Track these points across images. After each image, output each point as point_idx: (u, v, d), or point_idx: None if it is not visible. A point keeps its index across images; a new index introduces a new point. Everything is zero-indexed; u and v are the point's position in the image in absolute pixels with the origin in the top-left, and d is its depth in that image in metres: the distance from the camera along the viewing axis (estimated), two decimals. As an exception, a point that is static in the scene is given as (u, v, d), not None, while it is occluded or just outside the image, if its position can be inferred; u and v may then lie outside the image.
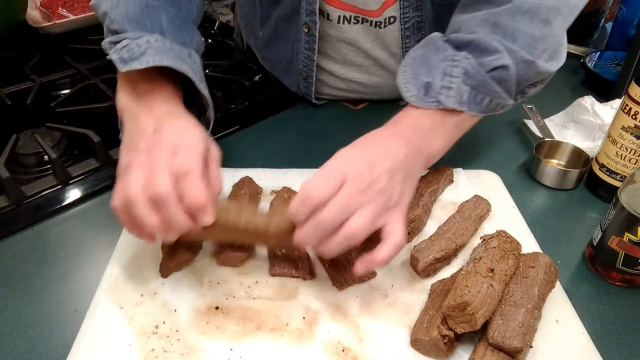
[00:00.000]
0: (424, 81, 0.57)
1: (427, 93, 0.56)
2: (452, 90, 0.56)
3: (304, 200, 0.45)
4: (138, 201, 0.45)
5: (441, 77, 0.56)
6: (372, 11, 0.73)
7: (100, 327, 0.48)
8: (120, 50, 0.56)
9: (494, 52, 0.56)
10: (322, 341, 0.47)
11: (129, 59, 0.55)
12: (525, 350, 0.44)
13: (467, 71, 0.56)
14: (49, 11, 1.04)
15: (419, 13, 0.74)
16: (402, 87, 0.58)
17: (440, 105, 0.56)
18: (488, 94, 0.58)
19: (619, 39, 1.10)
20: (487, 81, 0.57)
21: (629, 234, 0.52)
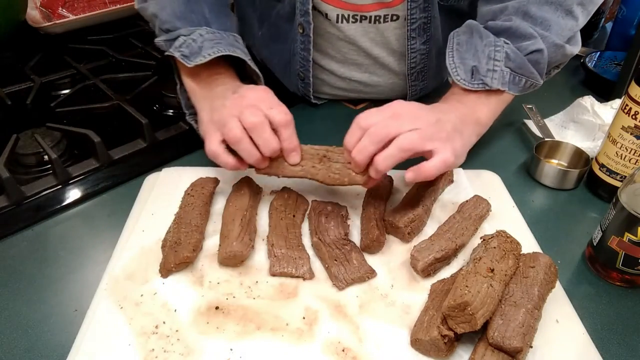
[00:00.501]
0: (470, 65, 0.64)
1: (474, 76, 0.64)
2: (496, 73, 0.63)
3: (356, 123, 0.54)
4: (243, 138, 0.55)
5: (486, 61, 0.63)
6: (365, 5, 0.73)
7: (100, 327, 0.48)
8: (180, 47, 0.64)
9: (529, 38, 0.63)
10: (322, 341, 0.47)
11: (191, 54, 0.63)
12: (525, 350, 0.44)
13: (508, 55, 0.63)
14: (49, 11, 1.04)
15: (425, 14, 0.74)
16: (451, 71, 0.65)
17: (486, 87, 0.63)
18: (525, 75, 0.65)
19: (619, 39, 1.10)
20: (525, 64, 0.64)
21: (629, 234, 0.52)
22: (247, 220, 0.57)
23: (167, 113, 0.83)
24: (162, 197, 0.63)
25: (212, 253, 0.56)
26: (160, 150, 0.74)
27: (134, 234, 0.58)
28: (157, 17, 0.67)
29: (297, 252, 0.55)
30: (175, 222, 0.58)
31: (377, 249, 0.57)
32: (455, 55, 0.66)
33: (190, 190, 0.62)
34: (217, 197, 0.64)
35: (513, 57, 0.63)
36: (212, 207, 0.62)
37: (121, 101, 0.80)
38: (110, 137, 0.71)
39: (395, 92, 0.85)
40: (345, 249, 0.55)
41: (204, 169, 0.68)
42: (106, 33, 1.06)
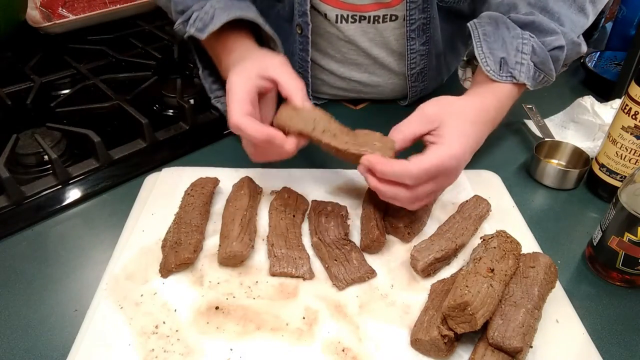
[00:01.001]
0: (499, 56, 0.62)
1: (502, 68, 0.62)
2: (523, 67, 0.61)
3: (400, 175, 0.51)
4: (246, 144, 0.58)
5: (515, 54, 0.61)
6: (364, 5, 0.73)
7: (100, 327, 0.48)
8: (194, 23, 0.64)
9: (552, 34, 0.62)
10: (322, 341, 0.47)
11: (204, 27, 0.62)
12: (525, 350, 0.44)
13: (534, 49, 0.62)
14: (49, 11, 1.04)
15: (424, 15, 0.74)
16: (481, 62, 0.62)
17: (514, 80, 0.61)
18: (544, 70, 0.64)
19: (619, 39, 1.10)
20: (548, 59, 0.63)
21: (629, 234, 0.52)
22: (247, 220, 0.57)
23: (167, 113, 0.83)
24: (162, 197, 0.63)
25: (212, 253, 0.56)
26: (160, 150, 0.74)
27: (134, 234, 0.58)
28: (170, 0, 0.68)
29: (297, 252, 0.55)
30: (175, 222, 0.58)
31: (377, 249, 0.57)
32: (484, 45, 0.63)
33: (190, 190, 0.62)
34: (217, 197, 0.64)
35: (538, 52, 0.62)
36: (212, 207, 0.62)
37: (121, 101, 0.80)
38: (110, 137, 0.71)
39: (395, 92, 0.85)
40: (345, 249, 0.55)
41: (204, 169, 0.68)
42: (106, 33, 1.06)
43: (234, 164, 0.69)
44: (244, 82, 0.55)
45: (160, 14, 1.15)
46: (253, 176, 0.65)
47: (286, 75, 0.57)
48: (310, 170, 0.69)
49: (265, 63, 0.58)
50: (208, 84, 0.70)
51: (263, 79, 0.57)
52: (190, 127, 0.78)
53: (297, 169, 0.69)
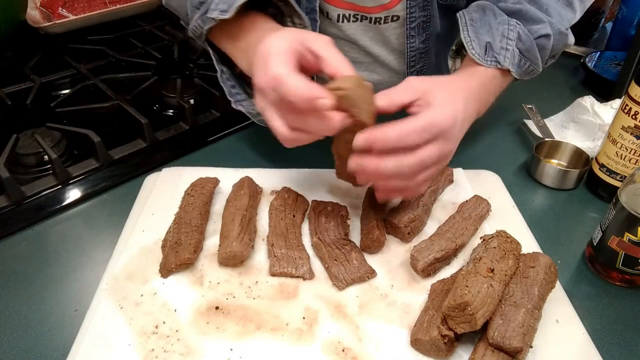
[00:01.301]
0: (485, 41, 0.62)
1: (487, 52, 0.62)
2: (508, 52, 0.62)
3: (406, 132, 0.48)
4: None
5: (500, 39, 0.62)
6: (371, 8, 0.73)
7: (100, 327, 0.48)
8: (217, 7, 0.58)
9: (539, 22, 0.63)
10: (322, 341, 0.47)
11: (229, 6, 0.57)
12: (525, 350, 0.44)
13: (520, 36, 0.62)
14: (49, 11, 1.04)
15: (425, 13, 0.74)
16: (467, 45, 0.63)
17: (498, 65, 0.62)
18: (530, 59, 0.64)
19: (619, 39, 1.10)
20: (533, 47, 0.63)
21: (629, 234, 0.52)
22: (247, 220, 0.57)
23: (167, 113, 0.83)
24: (162, 197, 0.63)
25: (212, 253, 0.56)
26: (160, 150, 0.74)
27: (134, 234, 0.58)
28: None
29: (297, 252, 0.55)
30: (175, 222, 0.58)
31: (377, 249, 0.57)
32: (470, 30, 0.64)
33: (190, 190, 0.62)
34: (217, 197, 0.64)
35: (524, 39, 0.63)
36: (212, 207, 0.62)
37: (121, 101, 0.80)
38: (110, 137, 0.72)
39: (394, 90, 0.85)
40: (345, 249, 0.55)
41: (204, 169, 0.68)
42: (106, 33, 1.06)
43: (234, 164, 0.69)
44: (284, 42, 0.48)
45: (160, 14, 1.16)
46: (253, 176, 0.65)
47: (332, 51, 0.49)
48: (310, 170, 0.69)
49: (309, 35, 0.50)
50: (227, 88, 0.66)
51: (305, 49, 0.49)
52: (190, 127, 0.78)
53: (297, 169, 0.69)
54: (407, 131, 0.48)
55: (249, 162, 0.72)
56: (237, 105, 0.67)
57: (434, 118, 0.49)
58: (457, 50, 0.73)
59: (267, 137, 0.79)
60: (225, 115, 0.81)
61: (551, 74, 1.02)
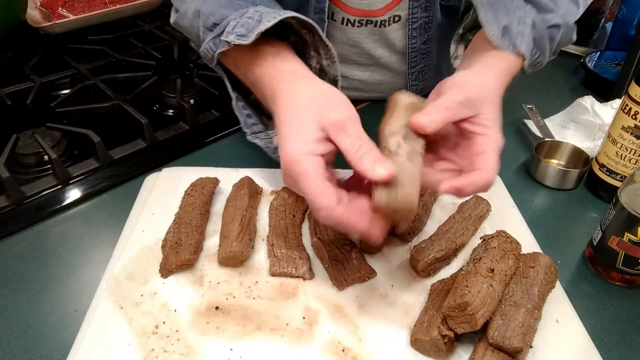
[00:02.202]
0: (502, 23, 0.59)
1: (504, 35, 0.58)
2: (524, 37, 0.59)
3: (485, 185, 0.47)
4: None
5: (517, 23, 0.59)
6: (377, 11, 0.73)
7: (100, 327, 0.48)
8: (233, 30, 0.54)
9: (551, 11, 0.61)
10: (322, 341, 0.47)
11: (248, 31, 0.53)
12: (525, 350, 0.44)
13: (534, 22, 0.60)
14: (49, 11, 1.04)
15: (427, 13, 0.74)
16: (486, 26, 0.58)
17: (515, 49, 0.58)
18: (540, 48, 0.61)
19: (619, 39, 1.10)
20: (545, 36, 0.61)
21: (629, 234, 0.52)
22: (247, 220, 0.57)
23: (167, 113, 0.83)
24: (162, 197, 0.63)
25: (212, 253, 0.56)
26: (160, 150, 0.74)
27: (134, 234, 0.58)
28: (199, 14, 0.59)
29: (297, 252, 0.55)
30: (175, 222, 0.58)
31: (377, 249, 0.57)
32: (488, 10, 0.59)
33: (190, 190, 0.62)
34: (217, 197, 0.64)
35: (538, 26, 0.60)
36: (212, 207, 0.62)
37: (121, 101, 0.80)
38: (110, 137, 0.72)
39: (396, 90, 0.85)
40: (345, 249, 0.55)
41: (204, 169, 0.68)
42: (106, 33, 1.06)
43: (234, 164, 0.69)
44: (309, 162, 0.45)
45: (160, 14, 1.16)
46: (253, 176, 0.65)
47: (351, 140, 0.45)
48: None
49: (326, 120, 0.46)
50: (243, 117, 0.62)
51: (326, 142, 0.46)
52: (190, 127, 0.78)
53: (297, 169, 0.69)
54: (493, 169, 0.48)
55: (249, 162, 0.72)
56: (252, 138, 0.63)
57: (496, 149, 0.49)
58: (462, 35, 0.69)
59: (267, 137, 0.79)
60: (225, 115, 0.81)
61: (551, 74, 1.02)
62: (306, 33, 0.57)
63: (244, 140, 0.78)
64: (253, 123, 0.62)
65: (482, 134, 0.49)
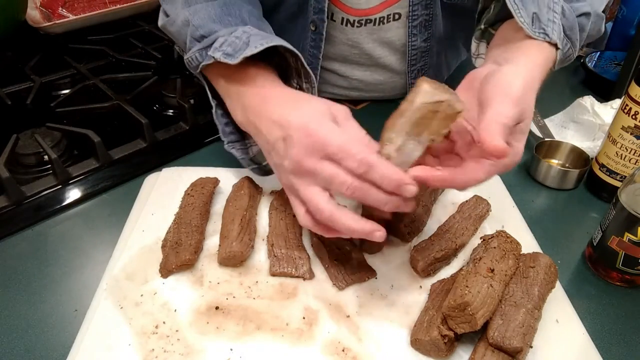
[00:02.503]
0: (532, 11, 0.57)
1: (534, 23, 0.56)
2: (555, 25, 0.56)
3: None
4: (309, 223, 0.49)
5: (547, 10, 0.57)
6: (374, 7, 0.73)
7: (100, 327, 0.48)
8: (220, 47, 0.56)
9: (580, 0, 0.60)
10: (322, 341, 0.47)
11: (234, 52, 0.54)
12: (525, 350, 0.44)
13: (564, 10, 0.58)
14: (49, 11, 1.04)
15: (427, 11, 0.74)
16: (515, 14, 0.56)
17: (547, 38, 0.56)
18: (571, 39, 0.59)
19: (619, 39, 1.10)
20: (575, 26, 0.59)
21: (629, 234, 0.52)
22: (247, 220, 0.57)
23: (167, 113, 0.83)
24: (162, 197, 0.63)
25: (212, 253, 0.56)
26: (160, 150, 0.74)
27: (134, 234, 0.58)
28: (189, 23, 0.60)
29: (297, 252, 0.55)
30: (175, 222, 0.58)
31: (377, 249, 0.57)
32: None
33: (190, 190, 0.62)
34: (217, 197, 0.64)
35: (567, 14, 0.58)
36: (212, 207, 0.62)
37: (121, 101, 0.80)
38: (110, 137, 0.71)
39: (395, 90, 0.85)
40: (345, 249, 0.55)
41: (204, 169, 0.68)
42: (106, 33, 1.06)
43: (234, 164, 0.69)
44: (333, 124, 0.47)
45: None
46: (253, 176, 0.65)
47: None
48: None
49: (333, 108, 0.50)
50: (221, 125, 0.63)
51: None
52: (190, 127, 0.78)
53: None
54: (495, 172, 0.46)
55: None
56: (229, 148, 0.63)
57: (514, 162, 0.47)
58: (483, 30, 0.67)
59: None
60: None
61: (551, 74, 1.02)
62: (290, 57, 0.58)
63: (244, 140, 0.78)
64: (230, 132, 0.63)
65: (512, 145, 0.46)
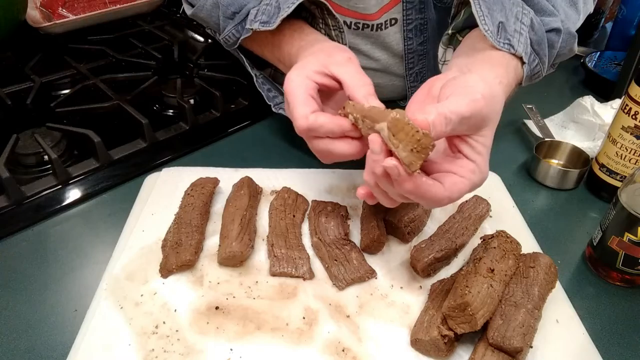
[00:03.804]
0: (498, 20, 0.55)
1: (500, 33, 0.55)
2: (522, 37, 0.55)
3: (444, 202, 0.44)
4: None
5: (514, 21, 0.56)
6: (372, 14, 0.73)
7: (100, 327, 0.48)
8: (255, 18, 0.60)
9: (551, 15, 0.59)
10: (322, 341, 0.47)
11: (270, 17, 0.59)
12: (525, 350, 0.44)
13: (532, 24, 0.57)
14: (49, 11, 1.04)
15: (421, 15, 0.74)
16: (480, 21, 0.55)
17: (512, 50, 0.54)
18: (539, 54, 0.58)
19: (619, 39, 1.10)
20: (544, 40, 0.58)
21: (629, 234, 0.52)
22: (247, 220, 0.57)
23: (167, 113, 0.83)
24: (162, 197, 0.63)
25: (212, 253, 0.56)
26: (160, 150, 0.74)
27: (134, 234, 0.58)
28: (218, 5, 0.65)
29: (297, 252, 0.55)
30: (176, 222, 0.58)
31: (378, 249, 0.57)
32: (482, 5, 0.55)
33: (190, 190, 0.62)
34: (217, 197, 0.64)
35: (536, 28, 0.57)
36: (212, 207, 0.62)
37: (121, 101, 0.80)
38: (110, 137, 0.71)
39: (395, 92, 0.85)
40: (345, 249, 0.55)
41: (204, 169, 0.68)
42: (106, 33, 1.06)
43: (234, 164, 0.69)
44: (301, 80, 0.50)
45: (161, 14, 1.16)
46: (253, 176, 0.65)
47: (350, 73, 0.51)
48: (310, 170, 0.69)
49: (329, 59, 0.52)
50: (265, 92, 0.68)
51: (324, 76, 0.52)
52: (190, 127, 0.78)
53: (297, 169, 0.69)
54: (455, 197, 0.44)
55: (249, 162, 0.72)
56: (277, 109, 0.69)
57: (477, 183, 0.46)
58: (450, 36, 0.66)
59: (267, 138, 0.79)
60: (225, 115, 0.81)
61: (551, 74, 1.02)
62: (315, 8, 0.62)
63: (244, 140, 0.79)
64: (274, 96, 0.68)
65: (470, 159, 0.45)
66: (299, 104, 0.49)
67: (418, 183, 0.42)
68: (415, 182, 0.42)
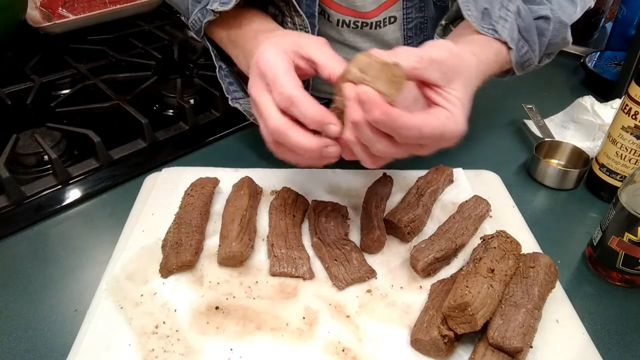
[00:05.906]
0: (482, 6, 0.56)
1: (484, 18, 0.56)
2: (507, 23, 0.56)
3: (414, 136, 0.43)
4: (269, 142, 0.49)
5: (499, 7, 0.57)
6: (371, 12, 0.73)
7: (100, 327, 0.48)
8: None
9: (540, 3, 0.59)
10: (322, 341, 0.47)
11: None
12: (525, 350, 0.44)
13: (519, 10, 0.57)
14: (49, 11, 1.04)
15: (421, 14, 0.74)
16: (463, 7, 0.56)
17: (496, 35, 0.55)
18: (528, 42, 0.59)
19: (619, 39, 1.10)
20: (532, 27, 0.58)
21: (629, 234, 0.52)
22: (247, 220, 0.57)
23: (167, 113, 0.83)
24: (162, 197, 0.63)
25: (212, 253, 0.56)
26: (160, 150, 0.74)
27: (134, 234, 0.58)
28: None
29: (297, 252, 0.55)
30: (176, 222, 0.58)
31: (378, 249, 0.57)
32: None
33: (190, 190, 0.62)
34: (217, 197, 0.64)
35: (524, 15, 0.58)
36: (212, 207, 0.62)
37: (121, 101, 0.80)
38: (110, 137, 0.72)
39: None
40: (345, 249, 0.55)
41: (204, 169, 0.68)
42: (106, 33, 1.06)
43: (234, 164, 0.69)
44: (279, 54, 0.47)
45: (160, 13, 1.16)
46: (253, 176, 0.65)
47: (326, 55, 0.48)
48: (310, 170, 0.69)
49: (302, 40, 0.49)
50: (225, 85, 0.68)
51: (300, 57, 0.48)
52: (190, 127, 0.78)
53: (297, 169, 0.69)
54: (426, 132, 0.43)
55: (249, 162, 0.72)
56: (233, 102, 0.69)
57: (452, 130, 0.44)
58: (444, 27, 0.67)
59: (267, 137, 0.79)
60: (225, 115, 0.81)
61: (551, 74, 1.02)
62: (284, 6, 0.62)
63: (244, 140, 0.79)
64: (234, 90, 0.67)
65: (445, 107, 0.45)
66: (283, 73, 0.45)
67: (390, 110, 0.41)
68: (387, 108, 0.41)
